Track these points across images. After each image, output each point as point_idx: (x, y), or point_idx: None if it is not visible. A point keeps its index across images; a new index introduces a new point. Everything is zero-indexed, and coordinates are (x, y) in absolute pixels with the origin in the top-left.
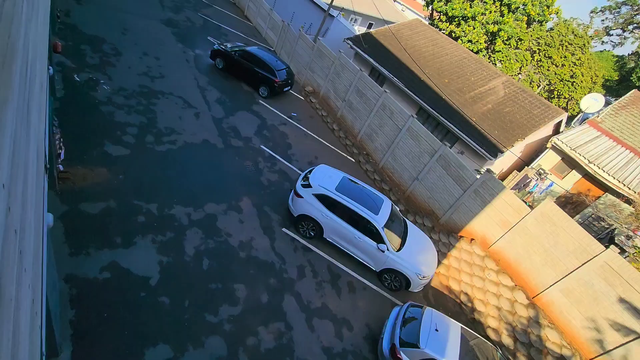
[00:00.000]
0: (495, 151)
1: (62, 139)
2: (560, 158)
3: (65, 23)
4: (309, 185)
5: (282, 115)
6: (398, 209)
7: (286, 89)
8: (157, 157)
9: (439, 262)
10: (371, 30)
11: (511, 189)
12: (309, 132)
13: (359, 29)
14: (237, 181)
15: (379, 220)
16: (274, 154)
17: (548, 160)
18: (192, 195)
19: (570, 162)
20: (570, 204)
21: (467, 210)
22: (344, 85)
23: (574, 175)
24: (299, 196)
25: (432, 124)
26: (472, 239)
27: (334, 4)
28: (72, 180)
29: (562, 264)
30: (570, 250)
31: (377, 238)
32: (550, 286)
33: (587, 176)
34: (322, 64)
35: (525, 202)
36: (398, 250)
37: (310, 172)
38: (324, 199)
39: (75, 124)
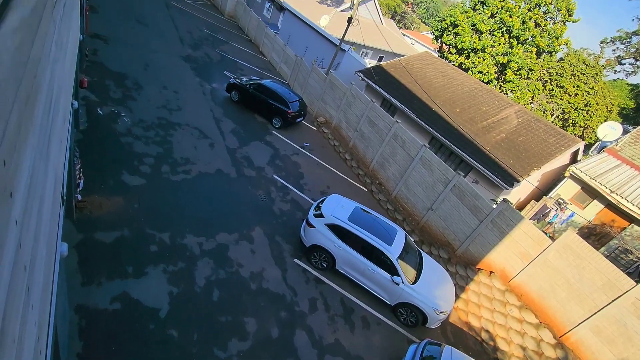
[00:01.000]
0: (511, 180)
1: (82, 169)
2: (580, 187)
3: (92, 61)
4: (321, 215)
5: (295, 145)
6: (412, 240)
7: (299, 119)
8: (171, 186)
9: (457, 296)
10: (382, 63)
11: (530, 220)
12: (321, 161)
13: (370, 62)
14: (249, 210)
15: (392, 252)
16: (286, 184)
17: (567, 189)
18: (204, 225)
19: (591, 192)
20: (594, 235)
21: (485, 241)
22: (355, 116)
23: (596, 205)
24: (311, 226)
25: (445, 153)
26: (491, 272)
27: (345, 38)
28: (89, 209)
29: (590, 300)
30: (598, 285)
31: (391, 270)
32: (579, 324)
33: (610, 206)
34: (334, 96)
35: (546, 233)
36: (413, 283)
37: (322, 201)
38: (336, 229)
39: (96, 154)
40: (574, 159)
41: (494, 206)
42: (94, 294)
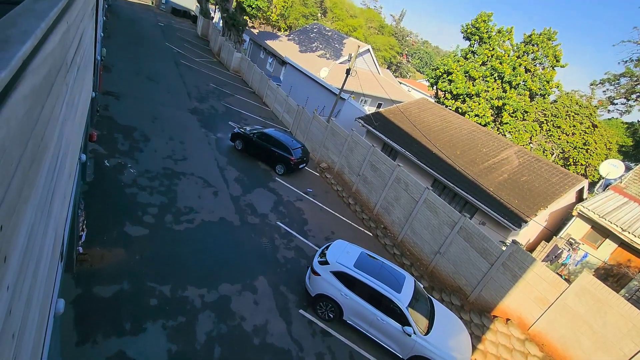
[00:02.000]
0: (518, 221)
1: (85, 221)
2: (590, 226)
3: (103, 115)
4: (326, 262)
5: (298, 192)
6: (422, 286)
7: (302, 166)
8: (174, 236)
9: (474, 347)
10: (381, 109)
11: (542, 261)
12: (324, 207)
13: (369, 109)
14: (252, 259)
15: (402, 299)
16: (290, 230)
17: (577, 228)
18: (206, 275)
19: (602, 231)
20: (612, 276)
21: (498, 285)
22: (357, 161)
23: (609, 245)
24: (316, 274)
25: (449, 195)
26: (507, 319)
27: (344, 88)
28: (89, 262)
29: (617, 349)
30: (624, 331)
31: (402, 319)
32: None
33: (624, 245)
34: (335, 142)
35: (561, 276)
36: (426, 334)
37: (327, 247)
38: (342, 277)
39: (100, 205)
40: (579, 198)
41: (504, 248)
42: (88, 354)
